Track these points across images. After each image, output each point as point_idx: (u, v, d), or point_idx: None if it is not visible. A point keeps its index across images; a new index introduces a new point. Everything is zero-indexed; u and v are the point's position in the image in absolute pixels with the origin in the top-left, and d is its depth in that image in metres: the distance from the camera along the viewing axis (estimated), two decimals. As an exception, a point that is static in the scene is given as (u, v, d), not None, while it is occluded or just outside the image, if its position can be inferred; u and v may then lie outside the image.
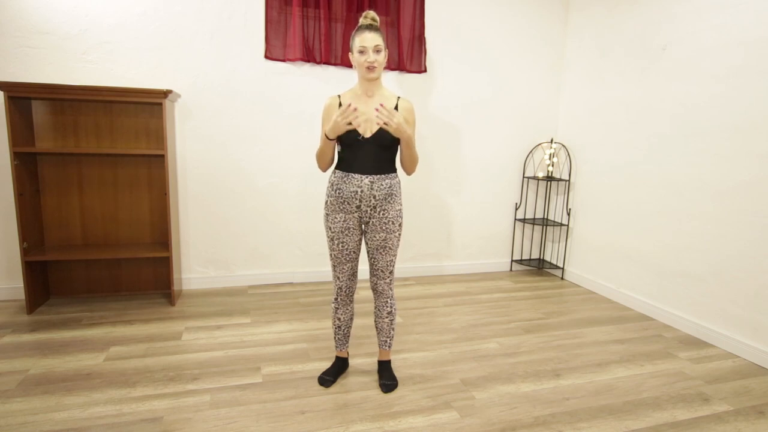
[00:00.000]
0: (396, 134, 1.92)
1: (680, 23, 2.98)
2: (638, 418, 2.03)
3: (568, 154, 3.99)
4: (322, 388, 2.19)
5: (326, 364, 2.41)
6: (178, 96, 3.18)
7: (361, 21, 1.99)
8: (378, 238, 2.07)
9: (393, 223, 2.06)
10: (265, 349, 2.57)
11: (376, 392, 2.17)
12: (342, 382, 2.25)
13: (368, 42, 1.91)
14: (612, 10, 3.51)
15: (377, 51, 1.93)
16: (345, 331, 2.28)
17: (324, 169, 2.12)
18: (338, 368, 2.30)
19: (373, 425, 1.93)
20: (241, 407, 2.02)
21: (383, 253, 2.09)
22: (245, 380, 2.24)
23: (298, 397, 2.11)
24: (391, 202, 2.04)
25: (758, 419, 2.06)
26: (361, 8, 3.41)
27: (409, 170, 2.12)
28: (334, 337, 2.30)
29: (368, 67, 1.94)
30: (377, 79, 2.01)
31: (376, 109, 1.89)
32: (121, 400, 2.04)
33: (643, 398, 2.20)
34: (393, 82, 3.65)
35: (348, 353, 2.42)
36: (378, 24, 2.00)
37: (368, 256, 2.15)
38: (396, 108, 2.05)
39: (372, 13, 1.99)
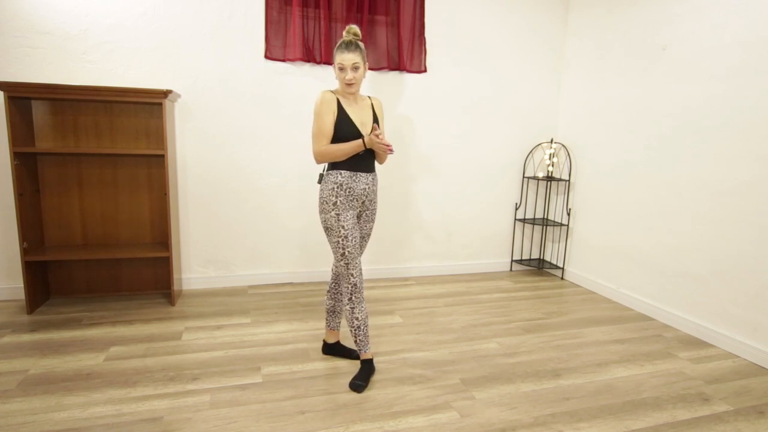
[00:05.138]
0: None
1: (680, 23, 2.98)
2: (638, 418, 2.03)
3: (568, 154, 3.99)
4: (321, 387, 2.19)
5: (326, 364, 2.41)
6: (178, 96, 3.18)
7: (344, 35, 2.15)
8: (368, 227, 2.34)
9: (375, 213, 2.36)
10: (265, 349, 2.57)
11: (376, 392, 2.17)
12: (341, 382, 2.25)
13: (346, 61, 2.09)
14: (612, 10, 3.51)
15: (355, 68, 2.11)
16: (365, 331, 2.24)
17: (324, 162, 2.20)
18: (368, 371, 2.25)
19: (373, 425, 1.93)
20: (241, 407, 2.02)
21: (367, 240, 2.38)
22: (245, 380, 2.24)
23: (298, 397, 2.11)
24: (377, 194, 2.34)
25: (758, 419, 2.06)
26: (361, 8, 3.41)
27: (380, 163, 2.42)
28: (355, 341, 2.26)
29: (347, 83, 2.13)
30: (357, 92, 2.22)
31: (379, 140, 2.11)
32: (121, 400, 2.04)
33: (643, 398, 2.20)
34: (393, 82, 3.65)
35: (372, 354, 2.31)
36: (360, 38, 2.16)
37: None
38: (372, 107, 2.28)
39: (354, 28, 2.15)
